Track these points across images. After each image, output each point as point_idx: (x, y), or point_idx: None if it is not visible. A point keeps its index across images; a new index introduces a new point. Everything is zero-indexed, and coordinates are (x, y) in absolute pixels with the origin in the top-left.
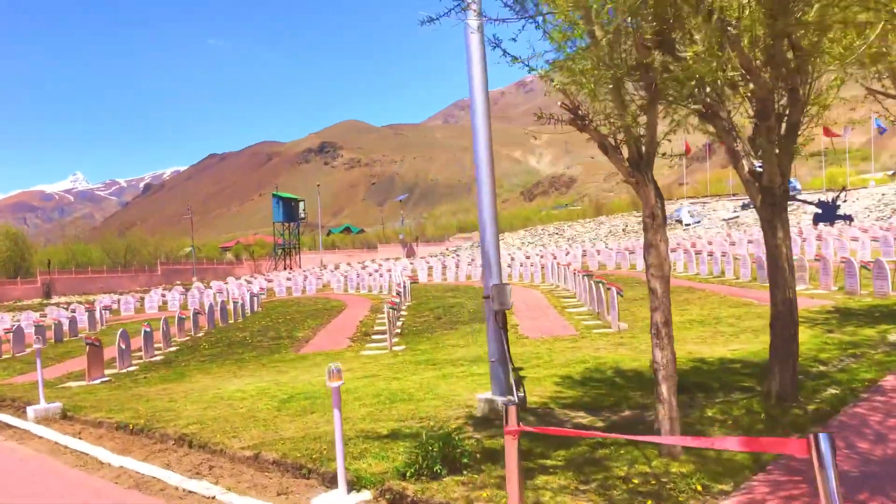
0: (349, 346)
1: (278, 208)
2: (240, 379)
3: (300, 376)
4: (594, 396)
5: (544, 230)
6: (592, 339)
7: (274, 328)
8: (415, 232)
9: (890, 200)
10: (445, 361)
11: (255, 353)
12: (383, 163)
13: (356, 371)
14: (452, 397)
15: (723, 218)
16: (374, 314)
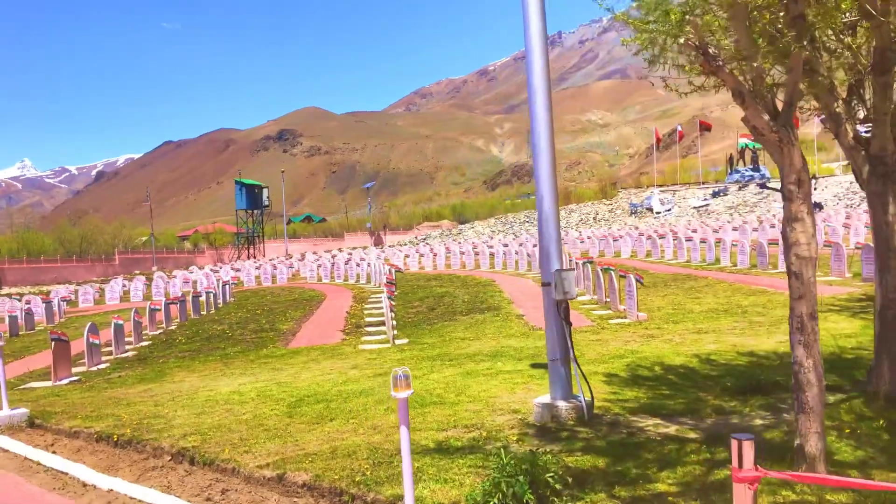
0: (344, 340)
1: (241, 195)
2: (230, 378)
3: (301, 374)
4: (656, 398)
5: (515, 218)
6: (614, 330)
7: (254, 320)
8: (378, 221)
9: (857, 189)
10: (462, 357)
11: (239, 348)
12: (344, 151)
13: (364, 368)
14: (490, 400)
15: (693, 206)
16: (359, 304)
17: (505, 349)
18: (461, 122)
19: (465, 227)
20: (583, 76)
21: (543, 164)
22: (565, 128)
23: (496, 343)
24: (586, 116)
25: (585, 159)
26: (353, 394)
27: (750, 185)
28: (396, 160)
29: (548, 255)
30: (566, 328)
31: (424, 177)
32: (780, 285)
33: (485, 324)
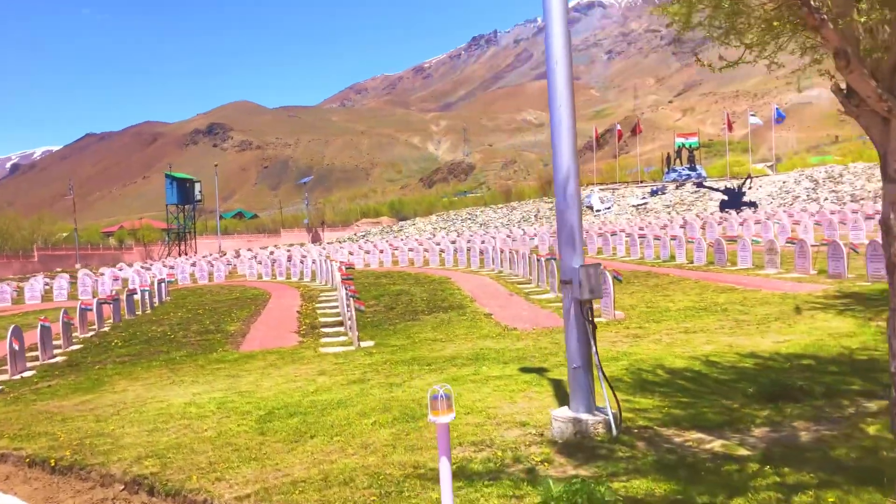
0: (301, 342)
1: (172, 189)
2: (181, 387)
3: (262, 382)
4: (677, 407)
5: (457, 216)
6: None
7: (196, 320)
8: (314, 217)
9: (791, 188)
10: (441, 361)
11: (185, 352)
12: (276, 146)
13: (333, 375)
14: (490, 411)
15: (632, 204)
16: (309, 303)
17: (485, 352)
18: (397, 119)
19: (405, 224)
20: (517, 76)
21: (564, 140)
22: (501, 127)
23: (472, 345)
24: (521, 116)
25: (521, 158)
26: (329, 405)
27: (687, 184)
28: (331, 156)
29: (570, 247)
30: (591, 332)
31: (360, 173)
32: (746, 282)
33: (452, 324)
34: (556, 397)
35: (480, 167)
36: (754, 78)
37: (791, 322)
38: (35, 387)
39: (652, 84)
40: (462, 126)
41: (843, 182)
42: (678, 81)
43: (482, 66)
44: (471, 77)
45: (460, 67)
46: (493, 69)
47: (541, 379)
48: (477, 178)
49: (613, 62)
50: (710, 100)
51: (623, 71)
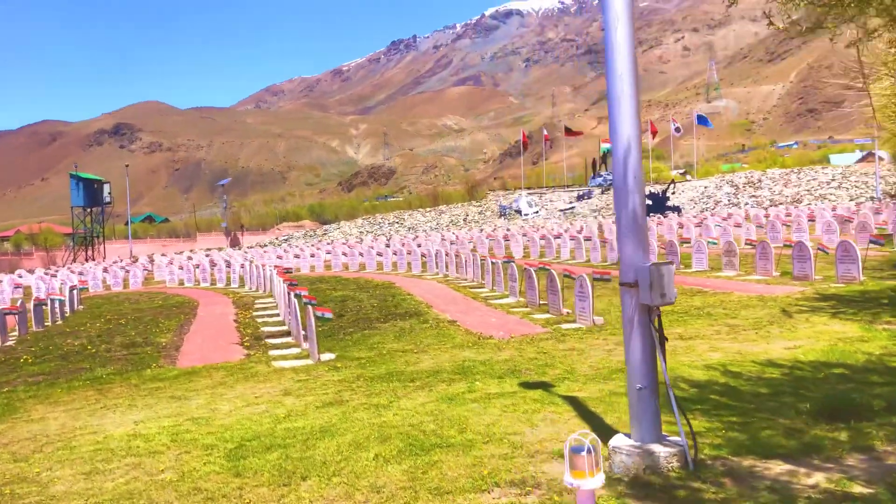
0: (249, 356)
1: (78, 191)
2: (116, 412)
3: (216, 405)
4: (731, 428)
5: (384, 219)
6: (578, 337)
7: (119, 332)
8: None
9: (712, 193)
10: (423, 376)
11: (112, 369)
12: (188, 147)
13: (301, 395)
14: (512, 438)
15: (559, 209)
16: (245, 311)
17: (469, 365)
18: (315, 122)
19: (330, 228)
20: (437, 81)
21: (624, 102)
22: (421, 131)
23: (450, 356)
24: (442, 121)
25: (442, 163)
26: (310, 434)
27: (612, 188)
28: (246, 158)
29: (632, 237)
30: (660, 344)
31: (276, 176)
32: (711, 284)
33: (416, 332)
34: (582, 419)
35: (401, 171)
36: (666, 88)
37: (788, 326)
38: None
39: (569, 92)
40: (382, 130)
41: (762, 187)
42: (593, 90)
43: (402, 71)
44: (390, 81)
45: (380, 71)
46: (413, 74)
47: (550, 396)
48: (398, 182)
49: (531, 70)
50: None
51: (540, 79)
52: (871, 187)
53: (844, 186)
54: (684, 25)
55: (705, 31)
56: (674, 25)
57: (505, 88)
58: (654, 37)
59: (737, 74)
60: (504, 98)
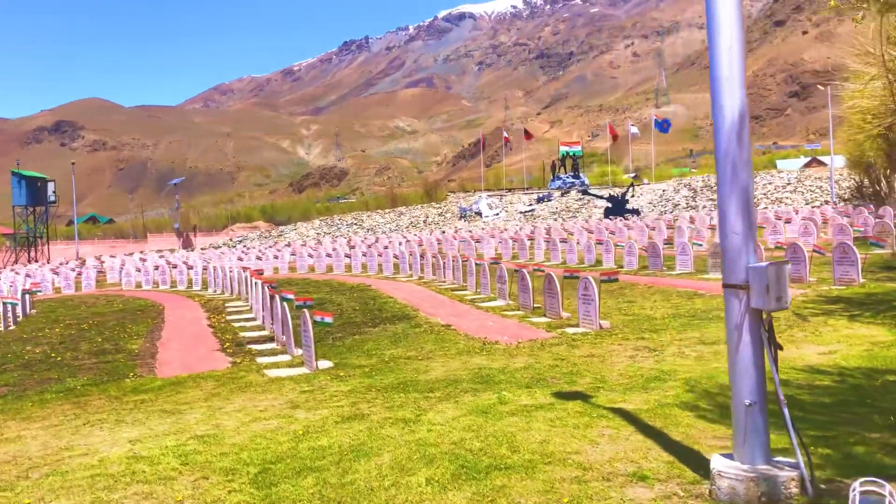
0: (235, 364)
1: (20, 189)
2: (103, 429)
3: (219, 421)
4: (817, 443)
5: (341, 220)
6: (591, 343)
7: (84, 338)
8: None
9: (671, 196)
10: (441, 385)
11: (86, 379)
12: (133, 147)
13: (313, 408)
14: (576, 458)
15: (520, 211)
16: (218, 316)
17: (487, 373)
18: (265, 122)
19: (286, 229)
20: (390, 83)
21: (734, 66)
22: (373, 133)
23: (461, 364)
24: (394, 123)
25: (395, 165)
26: (341, 455)
27: (571, 191)
28: (194, 159)
29: (742, 236)
30: (772, 353)
31: (225, 177)
32: (706, 287)
33: (412, 338)
34: (644, 434)
35: (354, 173)
36: (617, 93)
37: (811, 330)
38: None
39: (521, 96)
40: (334, 131)
41: None
42: (545, 94)
43: (354, 72)
44: (342, 82)
45: (331, 72)
46: (365, 75)
47: (594, 408)
48: (350, 183)
49: (483, 73)
50: (575, 113)
51: (493, 82)
52: (825, 191)
53: (800, 191)
54: (634, 32)
55: (654, 38)
56: (623, 32)
57: (458, 91)
58: (605, 43)
59: (685, 81)
60: (457, 100)
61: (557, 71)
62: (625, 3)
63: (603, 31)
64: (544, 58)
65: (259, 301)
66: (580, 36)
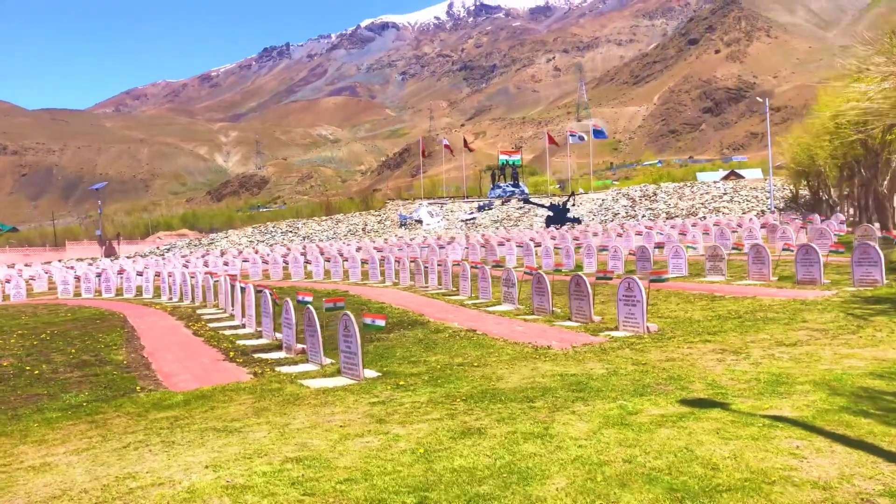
0: (257, 374)
1: None
2: (154, 452)
3: (301, 440)
4: None
5: (276, 228)
6: (659, 346)
7: (53, 349)
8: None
9: (610, 205)
10: (534, 395)
11: (87, 395)
12: (38, 151)
13: (408, 423)
14: (788, 475)
15: (461, 219)
16: (196, 323)
17: (574, 380)
18: (181, 128)
19: (217, 237)
20: (312, 90)
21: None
22: (295, 140)
23: (531, 370)
24: (316, 131)
25: (318, 173)
26: (500, 477)
27: (512, 199)
28: (104, 165)
29: None
30: None
31: (138, 184)
32: (716, 289)
33: (442, 344)
34: (848, 445)
35: (275, 181)
36: (539, 106)
37: (887, 330)
38: None
39: (445, 107)
40: (254, 138)
41: (657, 200)
42: (469, 106)
43: (274, 79)
44: (262, 89)
45: (251, 78)
46: (286, 82)
47: (749, 417)
48: (271, 191)
49: (407, 83)
50: (499, 125)
51: (417, 93)
52: (761, 201)
53: (736, 200)
54: (555, 47)
55: (575, 53)
56: (545, 46)
57: (381, 100)
58: (527, 56)
59: (604, 95)
60: (380, 110)
61: (481, 83)
62: (546, 18)
63: (525, 45)
64: (468, 69)
65: (251, 307)
66: (503, 49)
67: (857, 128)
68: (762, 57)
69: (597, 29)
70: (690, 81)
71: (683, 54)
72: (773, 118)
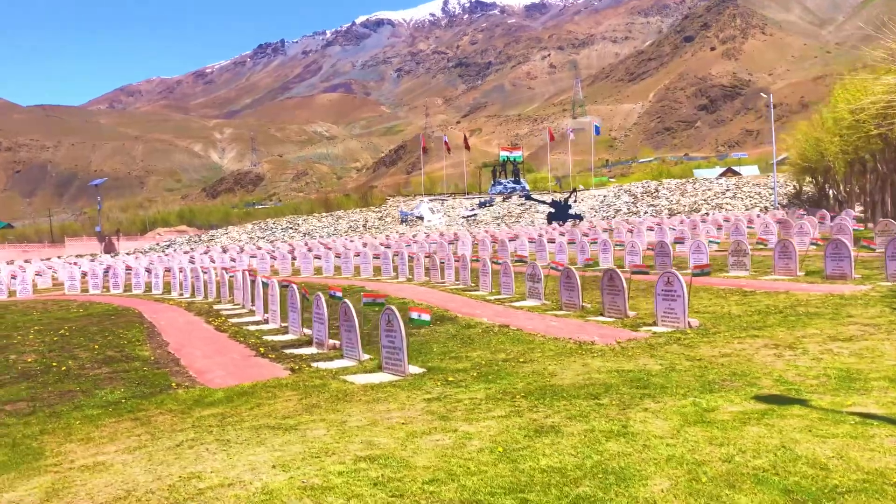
0: (294, 371)
1: None
2: (212, 451)
3: (366, 438)
4: None
5: (276, 224)
6: (707, 342)
7: (76, 346)
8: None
9: (612, 202)
10: (597, 392)
11: (123, 392)
12: (32, 148)
13: (472, 421)
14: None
15: (462, 215)
16: (216, 319)
17: (633, 376)
18: (175, 125)
19: (217, 233)
20: (307, 87)
21: None
22: (291, 137)
23: (583, 366)
24: (312, 128)
25: (313, 170)
26: (595, 477)
27: (513, 196)
28: (99, 161)
29: None
30: None
31: (133, 181)
32: (743, 284)
33: (478, 339)
34: None
35: (270, 178)
36: (534, 104)
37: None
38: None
39: (440, 104)
40: (249, 135)
41: (659, 197)
42: (464, 103)
43: (269, 76)
44: (257, 85)
45: (245, 75)
46: (281, 79)
47: (834, 414)
48: (266, 188)
49: (403, 80)
50: (494, 122)
51: (412, 90)
52: (764, 197)
53: (739, 197)
54: (550, 44)
55: (570, 50)
56: (540, 43)
57: (376, 97)
58: (522, 53)
59: (599, 93)
60: (376, 107)
61: (476, 80)
62: (541, 15)
63: (520, 42)
64: (463, 66)
65: (275, 302)
66: (498, 46)
67: (878, 121)
68: (757, 54)
69: (592, 26)
70: (686, 79)
71: (679, 51)
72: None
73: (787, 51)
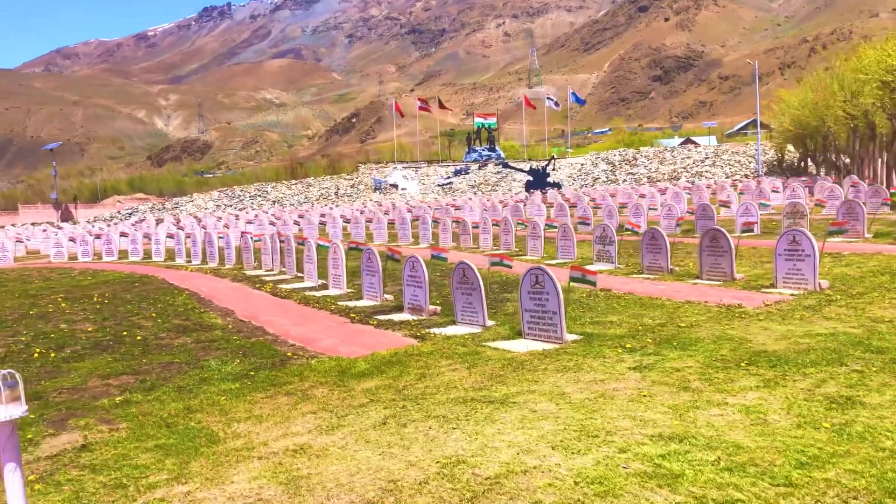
0: (419, 338)
1: None
2: (447, 430)
3: (632, 412)
4: None
5: (244, 191)
6: (849, 306)
7: (133, 313)
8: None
9: (590, 170)
10: (804, 361)
11: (238, 366)
12: None
13: (726, 392)
14: None
15: (437, 184)
16: (264, 285)
17: (847, 338)
18: (117, 90)
19: (181, 201)
20: (255, 53)
21: None
22: (239, 104)
23: (763, 331)
24: (261, 94)
25: (263, 138)
26: None
27: (489, 164)
28: (35, 127)
29: None
30: None
31: (73, 147)
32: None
33: (593, 304)
34: None
35: (218, 146)
36: (489, 72)
37: None
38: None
39: (393, 71)
40: (196, 101)
41: (637, 165)
42: (418, 70)
43: (215, 40)
44: (203, 50)
45: (191, 39)
46: (228, 44)
47: None
48: (214, 157)
49: (354, 47)
50: (450, 90)
51: (364, 56)
52: (743, 165)
53: (718, 164)
54: (505, 11)
55: (525, 19)
56: (495, 10)
57: (328, 64)
58: (476, 21)
59: (555, 62)
60: (327, 73)
61: (430, 48)
62: None
63: (474, 10)
64: (416, 33)
65: (339, 267)
66: (452, 13)
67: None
68: (710, 25)
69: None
70: (640, 49)
71: (633, 22)
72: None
73: (739, 23)
